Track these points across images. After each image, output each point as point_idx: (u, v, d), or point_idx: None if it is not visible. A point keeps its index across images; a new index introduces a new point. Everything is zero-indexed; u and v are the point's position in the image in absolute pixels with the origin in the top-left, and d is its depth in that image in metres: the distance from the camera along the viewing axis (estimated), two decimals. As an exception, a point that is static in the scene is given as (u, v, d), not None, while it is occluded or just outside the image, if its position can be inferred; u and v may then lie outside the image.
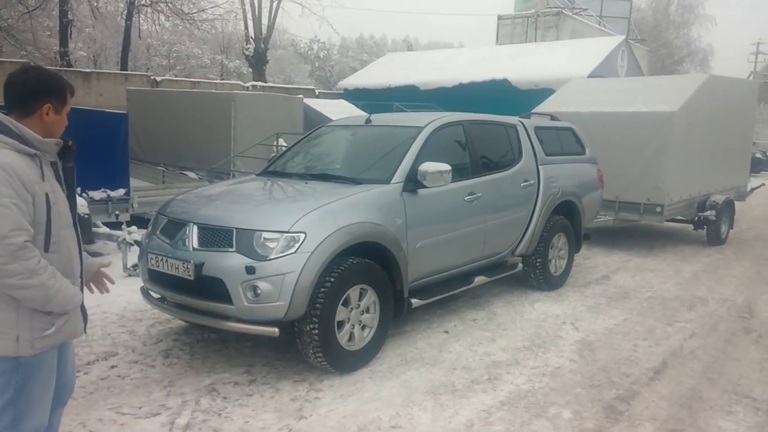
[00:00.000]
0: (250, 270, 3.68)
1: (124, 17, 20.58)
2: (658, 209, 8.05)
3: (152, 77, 17.36)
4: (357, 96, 20.59)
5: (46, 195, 2.14)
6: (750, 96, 10.40)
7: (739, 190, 10.11)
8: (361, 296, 4.13)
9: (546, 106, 9.36)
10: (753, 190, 11.07)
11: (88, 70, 17.01)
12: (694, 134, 8.41)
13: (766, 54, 53.00)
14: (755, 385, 4.09)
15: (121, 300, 5.48)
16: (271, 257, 3.71)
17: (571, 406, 3.68)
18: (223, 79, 27.68)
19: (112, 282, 2.71)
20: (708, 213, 8.72)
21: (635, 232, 9.75)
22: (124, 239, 6.35)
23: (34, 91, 2.16)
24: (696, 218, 8.82)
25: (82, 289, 2.36)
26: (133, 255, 6.27)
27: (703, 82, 8.75)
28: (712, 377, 4.21)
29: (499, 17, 28.40)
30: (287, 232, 3.78)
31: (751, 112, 10.52)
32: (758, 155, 21.90)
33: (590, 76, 15.97)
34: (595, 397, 3.82)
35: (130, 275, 6.24)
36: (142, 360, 4.25)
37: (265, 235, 3.78)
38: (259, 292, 3.67)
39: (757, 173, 19.60)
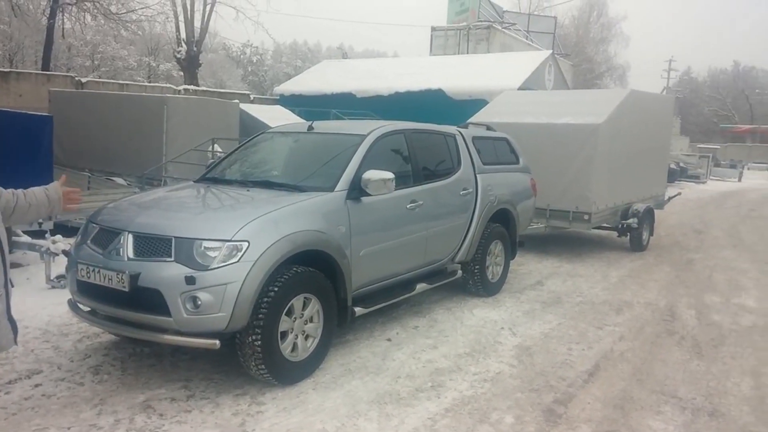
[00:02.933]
0: (190, 280, 3.55)
1: (47, 15, 19.47)
2: (586, 217, 8.42)
3: (76, 78, 16.51)
4: (293, 102, 20.37)
5: None
6: (667, 110, 11.08)
7: (658, 199, 10.72)
8: (304, 305, 4.07)
9: (480, 116, 9.61)
10: (670, 199, 11.78)
11: (6, 70, 15.96)
12: (618, 146, 8.86)
13: (677, 71, 57.40)
14: (680, 385, 4.32)
15: (44, 313, 5.16)
16: (213, 267, 3.60)
17: (513, 411, 3.77)
18: (151, 82, 26.66)
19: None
20: (630, 221, 9.21)
21: (564, 238, 10.14)
22: (48, 249, 5.97)
23: None
24: (620, 226, 9.29)
25: (8, 298, 2.18)
26: (57, 266, 5.93)
27: (626, 96, 9.24)
28: (641, 378, 4.42)
29: (433, 29, 28.93)
30: (229, 240, 3.67)
31: (668, 125, 11.20)
32: (673, 166, 23.34)
33: (520, 88, 16.55)
34: (534, 401, 3.93)
35: (53, 287, 5.88)
36: (69, 377, 4.00)
37: (206, 243, 3.66)
38: (199, 303, 3.55)
39: (672, 183, 20.89)
